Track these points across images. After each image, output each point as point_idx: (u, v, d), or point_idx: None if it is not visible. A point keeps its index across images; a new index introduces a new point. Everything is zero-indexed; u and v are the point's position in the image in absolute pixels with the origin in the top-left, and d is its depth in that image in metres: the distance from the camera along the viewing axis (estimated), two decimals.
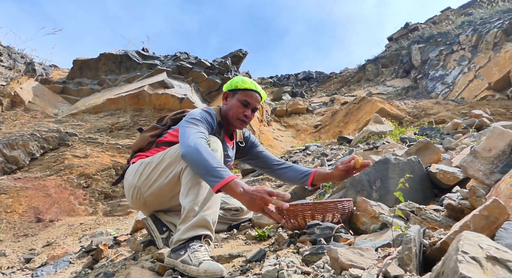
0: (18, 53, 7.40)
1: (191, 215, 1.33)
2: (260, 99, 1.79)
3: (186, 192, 1.38)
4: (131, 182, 1.66)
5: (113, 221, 4.05)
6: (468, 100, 7.37)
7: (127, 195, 1.72)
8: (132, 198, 1.68)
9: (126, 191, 1.73)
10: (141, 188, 1.62)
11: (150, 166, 1.61)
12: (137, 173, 1.65)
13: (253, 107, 1.76)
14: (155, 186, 1.57)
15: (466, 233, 0.56)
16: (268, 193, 1.20)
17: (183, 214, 1.35)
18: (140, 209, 1.79)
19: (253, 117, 1.82)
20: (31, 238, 3.62)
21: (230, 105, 1.75)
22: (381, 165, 1.75)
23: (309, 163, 3.70)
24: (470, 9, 11.41)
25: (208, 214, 1.34)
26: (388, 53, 13.39)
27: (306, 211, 1.36)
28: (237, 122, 1.74)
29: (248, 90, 1.73)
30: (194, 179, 1.38)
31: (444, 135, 3.32)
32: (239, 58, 9.30)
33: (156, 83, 6.67)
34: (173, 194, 1.56)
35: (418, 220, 1.19)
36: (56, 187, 4.50)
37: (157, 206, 1.70)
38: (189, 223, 1.31)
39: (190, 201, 1.35)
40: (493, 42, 7.57)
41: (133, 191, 1.65)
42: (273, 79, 16.45)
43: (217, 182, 1.24)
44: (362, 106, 7.75)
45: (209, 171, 1.27)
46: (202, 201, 1.35)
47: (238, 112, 1.72)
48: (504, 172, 1.23)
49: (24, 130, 5.29)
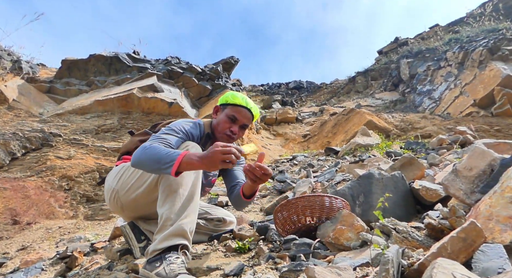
0: (5, 50, 7.25)
1: (168, 224, 1.29)
2: (252, 117, 1.74)
3: (163, 200, 1.35)
4: (111, 184, 1.64)
5: (93, 226, 3.95)
6: (454, 115, 7.52)
7: (106, 197, 1.69)
8: (110, 200, 1.65)
9: (105, 193, 1.70)
10: (118, 191, 1.59)
11: (129, 170, 1.59)
12: (117, 176, 1.63)
13: (241, 123, 1.71)
14: (132, 191, 1.55)
15: (440, 260, 0.55)
16: (221, 146, 1.22)
17: (160, 223, 1.31)
18: (118, 213, 1.74)
19: (242, 134, 1.76)
20: (5, 241, 3.49)
21: (219, 119, 1.71)
22: (365, 180, 1.75)
23: (295, 173, 3.69)
24: (458, 27, 11.70)
25: (185, 223, 1.30)
26: (378, 66, 13.60)
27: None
28: (223, 137, 1.69)
29: (237, 105, 1.69)
30: (171, 187, 1.35)
31: (429, 150, 3.36)
32: (231, 65, 9.32)
33: (145, 87, 6.61)
34: (150, 200, 1.52)
35: (399, 239, 1.18)
36: (36, 188, 4.37)
37: (135, 211, 1.66)
38: (166, 232, 1.27)
39: (167, 209, 1.31)
40: (478, 60, 7.76)
41: (111, 194, 1.63)
42: (264, 87, 16.51)
43: (171, 165, 1.23)
44: (351, 118, 7.82)
45: (160, 160, 1.26)
46: (179, 209, 1.31)
47: (225, 127, 1.68)
48: (484, 192, 1.23)
49: (6, 129, 5.15)
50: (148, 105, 6.44)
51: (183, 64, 7.84)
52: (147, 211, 1.65)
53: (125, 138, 5.72)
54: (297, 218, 1.42)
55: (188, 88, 7.56)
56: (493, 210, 1.07)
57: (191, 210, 1.35)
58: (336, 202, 1.41)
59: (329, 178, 2.73)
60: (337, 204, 1.40)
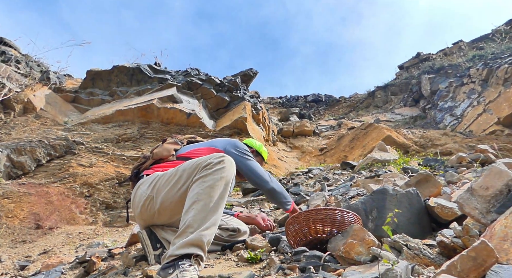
0: (35, 61, 7.63)
1: (188, 231, 1.33)
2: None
3: (189, 205, 1.39)
4: (145, 192, 1.67)
5: (111, 232, 4.04)
6: (476, 133, 7.32)
7: (137, 204, 1.70)
8: (142, 207, 1.67)
9: (136, 201, 1.71)
10: (154, 198, 1.63)
11: (164, 177, 1.63)
12: (152, 183, 1.67)
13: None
14: (166, 199, 1.58)
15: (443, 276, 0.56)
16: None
17: (181, 228, 1.34)
18: (146, 221, 1.74)
19: None
20: (28, 244, 3.61)
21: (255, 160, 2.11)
22: (379, 195, 1.74)
23: (310, 187, 3.68)
24: (482, 44, 11.50)
25: (205, 235, 1.33)
26: (398, 81, 13.47)
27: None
28: None
29: (263, 160, 2.38)
30: (199, 195, 1.39)
31: (448, 168, 3.29)
32: (249, 77, 9.45)
33: (165, 97, 6.79)
34: (180, 210, 1.56)
35: (410, 255, 1.17)
36: (58, 194, 4.52)
37: (167, 218, 1.69)
38: (185, 239, 1.31)
39: (191, 216, 1.35)
40: (503, 78, 7.58)
41: (145, 201, 1.65)
42: (282, 100, 16.59)
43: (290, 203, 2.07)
44: (369, 132, 7.75)
45: (286, 196, 2.08)
46: (202, 219, 1.35)
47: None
48: (501, 212, 1.22)
49: (33, 136, 5.39)
50: (167, 115, 6.60)
51: (202, 76, 8.01)
52: (173, 220, 1.69)
53: (144, 147, 5.86)
54: (308, 231, 1.43)
55: (207, 99, 7.70)
56: (509, 231, 1.06)
57: (213, 223, 1.38)
58: (348, 216, 1.41)
59: (343, 192, 2.71)
60: (349, 218, 1.41)
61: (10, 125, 5.80)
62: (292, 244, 1.55)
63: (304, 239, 1.47)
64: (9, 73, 6.38)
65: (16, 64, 6.80)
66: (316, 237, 1.45)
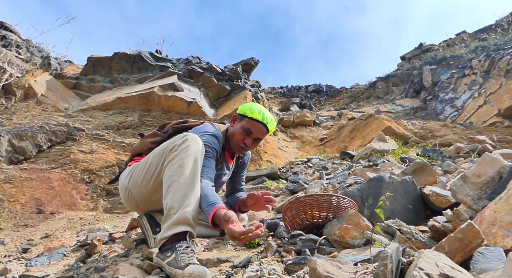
0: (36, 46, 7.59)
1: (171, 213, 1.35)
2: (267, 131, 1.83)
3: (165, 190, 1.42)
4: (123, 183, 1.74)
5: (112, 218, 4.10)
6: (476, 125, 7.33)
7: (121, 196, 1.79)
8: (124, 199, 1.75)
9: (120, 193, 1.80)
10: (131, 189, 1.68)
11: (138, 167, 1.68)
12: (128, 175, 1.73)
13: (255, 137, 1.80)
14: (143, 187, 1.63)
15: (427, 251, 0.60)
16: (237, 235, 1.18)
17: (165, 213, 1.38)
18: (135, 210, 1.84)
19: (255, 146, 1.87)
20: (30, 228, 3.67)
21: (235, 129, 1.82)
22: (375, 183, 1.78)
23: (309, 175, 3.72)
24: (485, 35, 11.40)
25: (188, 211, 1.35)
26: (400, 72, 13.41)
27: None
28: (236, 147, 1.82)
29: (254, 120, 1.78)
30: (172, 177, 1.41)
31: (446, 158, 3.32)
32: (251, 66, 9.41)
33: (166, 85, 6.78)
34: (160, 194, 1.59)
35: (403, 239, 1.21)
36: (59, 180, 4.57)
37: (149, 206, 1.74)
38: (170, 221, 1.33)
39: (170, 198, 1.38)
40: (505, 69, 7.55)
41: (125, 192, 1.72)
42: (283, 90, 16.54)
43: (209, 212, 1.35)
44: (369, 123, 7.76)
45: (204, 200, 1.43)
46: (181, 198, 1.37)
47: (239, 139, 1.79)
48: (491, 198, 1.25)
49: (34, 122, 5.41)
50: (168, 103, 6.60)
51: (204, 64, 7.98)
52: (160, 205, 1.73)
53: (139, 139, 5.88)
54: (304, 216, 1.47)
55: (207, 88, 7.69)
56: (497, 215, 1.09)
57: (194, 198, 1.39)
58: (344, 202, 1.45)
59: (341, 181, 2.75)
60: (345, 203, 1.45)
61: (11, 111, 5.81)
62: (289, 229, 1.59)
63: (301, 224, 1.51)
64: (10, 58, 6.36)
65: (16, 49, 6.76)
66: (313, 222, 1.49)
